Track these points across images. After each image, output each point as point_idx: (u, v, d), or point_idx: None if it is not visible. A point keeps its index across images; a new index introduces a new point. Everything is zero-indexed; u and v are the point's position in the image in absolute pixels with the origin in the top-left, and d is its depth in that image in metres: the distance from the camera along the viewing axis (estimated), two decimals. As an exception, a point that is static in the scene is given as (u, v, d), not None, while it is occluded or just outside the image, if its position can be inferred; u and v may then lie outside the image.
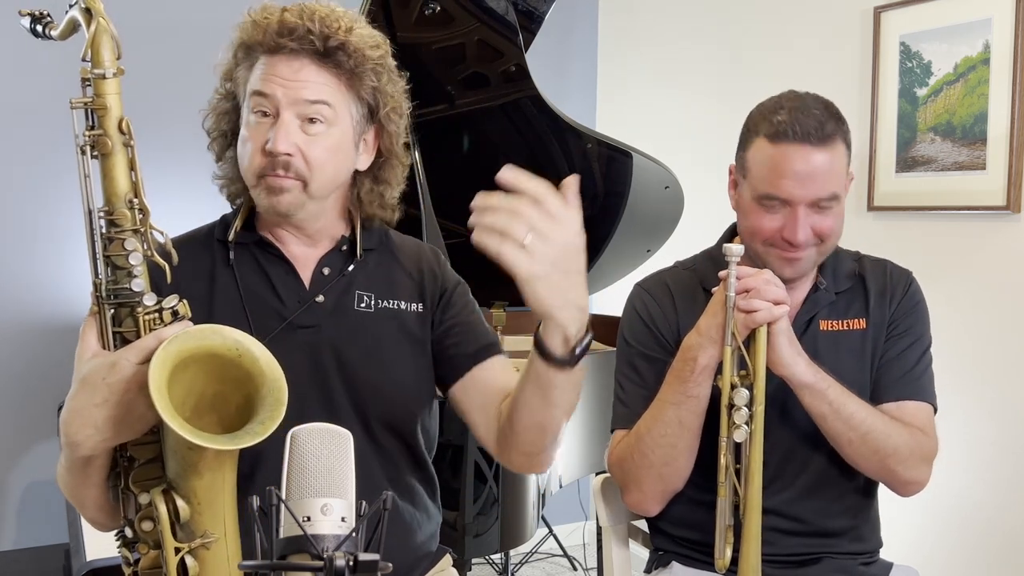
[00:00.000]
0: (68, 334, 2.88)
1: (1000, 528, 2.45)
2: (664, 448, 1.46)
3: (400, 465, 1.38)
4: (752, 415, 1.40)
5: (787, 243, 1.44)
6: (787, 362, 1.41)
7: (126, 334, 1.08)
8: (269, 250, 1.36)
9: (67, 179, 2.89)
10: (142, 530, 1.07)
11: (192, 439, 0.94)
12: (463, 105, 2.61)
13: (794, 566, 1.53)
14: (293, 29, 1.25)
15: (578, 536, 3.80)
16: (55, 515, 2.78)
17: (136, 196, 1.08)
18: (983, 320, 2.48)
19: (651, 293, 1.63)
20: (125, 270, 1.07)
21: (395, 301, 1.39)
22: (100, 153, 1.08)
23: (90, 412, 1.03)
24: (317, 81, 1.27)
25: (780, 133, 1.41)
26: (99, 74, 1.07)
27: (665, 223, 2.93)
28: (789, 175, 1.41)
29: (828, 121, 1.42)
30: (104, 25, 1.06)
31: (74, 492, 1.15)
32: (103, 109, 1.07)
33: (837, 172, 1.44)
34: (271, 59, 1.27)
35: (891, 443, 1.45)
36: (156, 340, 1.03)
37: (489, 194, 1.02)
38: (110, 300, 1.08)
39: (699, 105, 3.37)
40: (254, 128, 1.27)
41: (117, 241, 1.08)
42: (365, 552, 0.75)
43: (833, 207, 1.45)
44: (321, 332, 1.33)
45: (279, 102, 1.25)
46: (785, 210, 1.43)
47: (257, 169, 1.27)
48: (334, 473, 0.80)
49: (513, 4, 2.45)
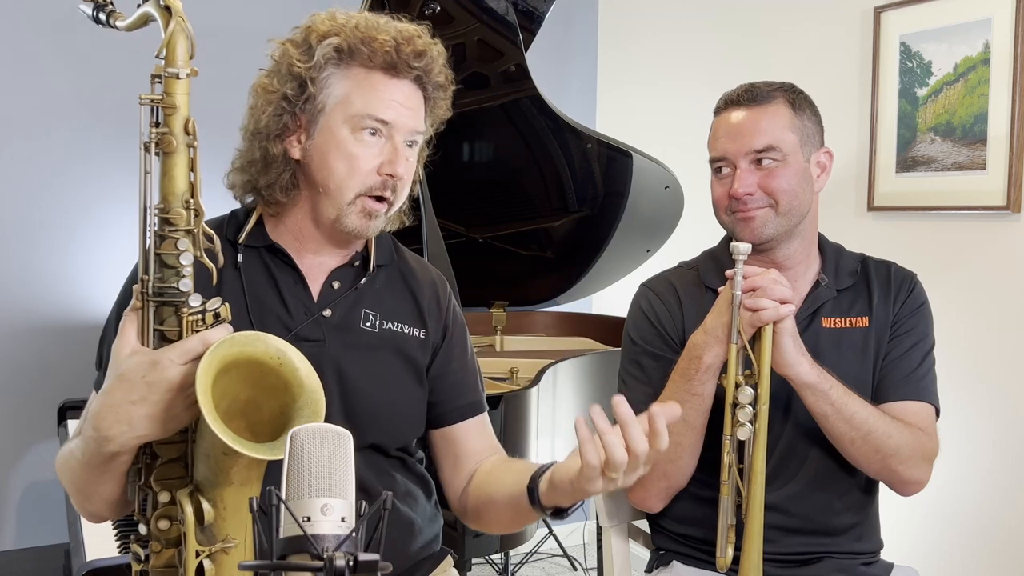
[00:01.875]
0: (68, 334, 2.88)
1: (1000, 528, 2.45)
2: (669, 446, 1.46)
3: (390, 471, 1.39)
4: (756, 413, 1.41)
5: (735, 200, 1.51)
6: (791, 362, 1.41)
7: (167, 332, 1.07)
8: (280, 257, 1.35)
9: (68, 178, 2.90)
10: (158, 529, 1.07)
11: (234, 446, 0.95)
12: (463, 105, 2.61)
13: (795, 565, 1.53)
14: (421, 56, 1.28)
15: (578, 536, 3.80)
16: (55, 515, 2.78)
17: (192, 196, 1.08)
18: (983, 320, 2.48)
19: (657, 293, 1.63)
20: (174, 269, 1.07)
21: (399, 324, 1.39)
22: (163, 151, 1.07)
23: (126, 409, 1.02)
24: (420, 109, 1.32)
25: (720, 104, 1.58)
26: (173, 73, 1.06)
27: (665, 223, 2.93)
28: (722, 134, 1.54)
29: (766, 87, 1.54)
30: (183, 24, 1.06)
31: (84, 486, 1.14)
32: (172, 108, 1.07)
33: (772, 127, 1.51)
34: (391, 82, 1.28)
35: (892, 443, 1.45)
36: (200, 343, 1.03)
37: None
38: (155, 297, 1.07)
39: (699, 105, 3.37)
40: (363, 145, 1.27)
41: (170, 240, 1.07)
42: (365, 552, 0.75)
43: (778, 164, 1.51)
44: (325, 347, 1.32)
45: (396, 130, 1.28)
46: (732, 173, 1.53)
47: (363, 188, 1.28)
48: (334, 473, 0.80)
49: (513, 4, 2.45)
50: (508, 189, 2.85)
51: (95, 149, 2.90)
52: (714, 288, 1.59)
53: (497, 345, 2.93)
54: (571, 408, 2.39)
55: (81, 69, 2.85)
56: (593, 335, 3.04)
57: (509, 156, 2.78)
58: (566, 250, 2.99)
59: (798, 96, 1.55)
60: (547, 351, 2.78)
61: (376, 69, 1.27)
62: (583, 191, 2.84)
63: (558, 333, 3.13)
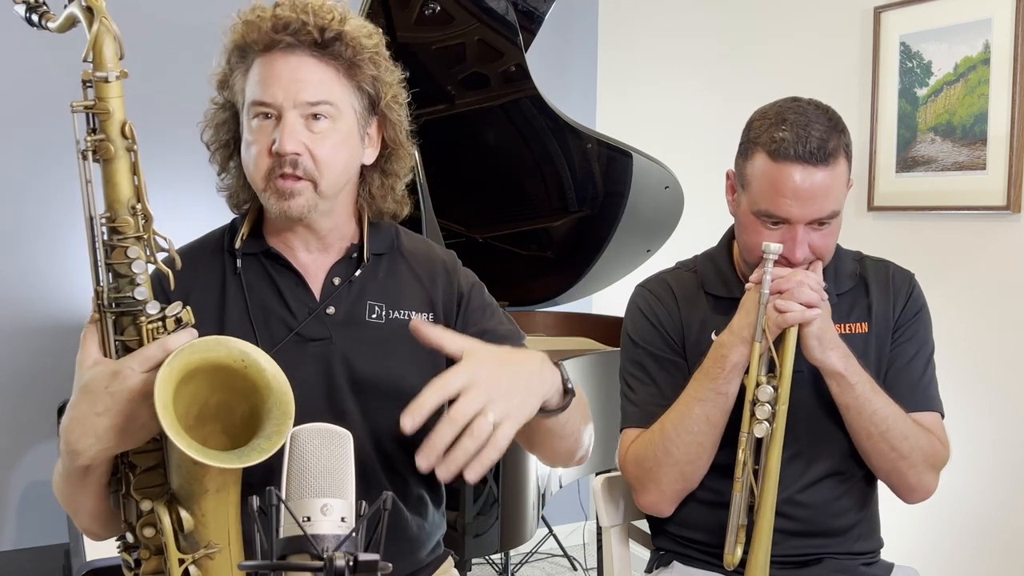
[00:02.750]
0: (68, 334, 2.88)
1: (1001, 528, 2.45)
2: (691, 445, 1.47)
3: (407, 477, 1.36)
4: (774, 413, 1.41)
5: (784, 260, 1.43)
6: (818, 357, 1.42)
7: (128, 342, 1.06)
8: (278, 261, 1.33)
9: (66, 178, 2.89)
10: (143, 536, 1.06)
11: (199, 458, 0.93)
12: (463, 105, 2.61)
13: (796, 566, 1.53)
14: (288, 23, 1.22)
15: (578, 536, 3.80)
16: (55, 515, 2.78)
17: (139, 202, 1.05)
18: (983, 320, 2.48)
19: (654, 293, 1.63)
20: (128, 278, 1.05)
21: (405, 312, 1.36)
22: (102, 158, 1.04)
23: (91, 421, 1.01)
24: (316, 78, 1.24)
25: (782, 152, 1.39)
26: (101, 77, 1.03)
27: (665, 223, 2.93)
28: (789, 195, 1.39)
29: (831, 137, 1.40)
30: (107, 25, 1.03)
31: (69, 500, 1.14)
32: (105, 113, 1.04)
33: (838, 190, 1.43)
34: (267, 58, 1.24)
35: (907, 445, 1.46)
36: (160, 349, 1.01)
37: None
38: (112, 308, 1.05)
39: (699, 105, 3.37)
40: (257, 131, 1.24)
41: (119, 249, 1.05)
42: (365, 552, 0.75)
43: (832, 224, 1.45)
44: (332, 344, 1.30)
45: (280, 106, 1.22)
46: (783, 227, 1.43)
47: (264, 172, 1.24)
48: (334, 473, 0.80)
49: (513, 4, 2.45)
50: (508, 189, 2.85)
51: (95, 149, 2.90)
52: (715, 294, 1.58)
53: (497, 345, 2.92)
54: (571, 408, 2.39)
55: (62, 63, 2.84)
56: (593, 335, 3.03)
57: (509, 156, 2.78)
58: (566, 250, 2.99)
59: (847, 141, 1.45)
60: (547, 351, 2.78)
61: (259, 53, 1.25)
62: (583, 191, 2.84)
63: (558, 333, 3.13)
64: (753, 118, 1.48)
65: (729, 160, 1.56)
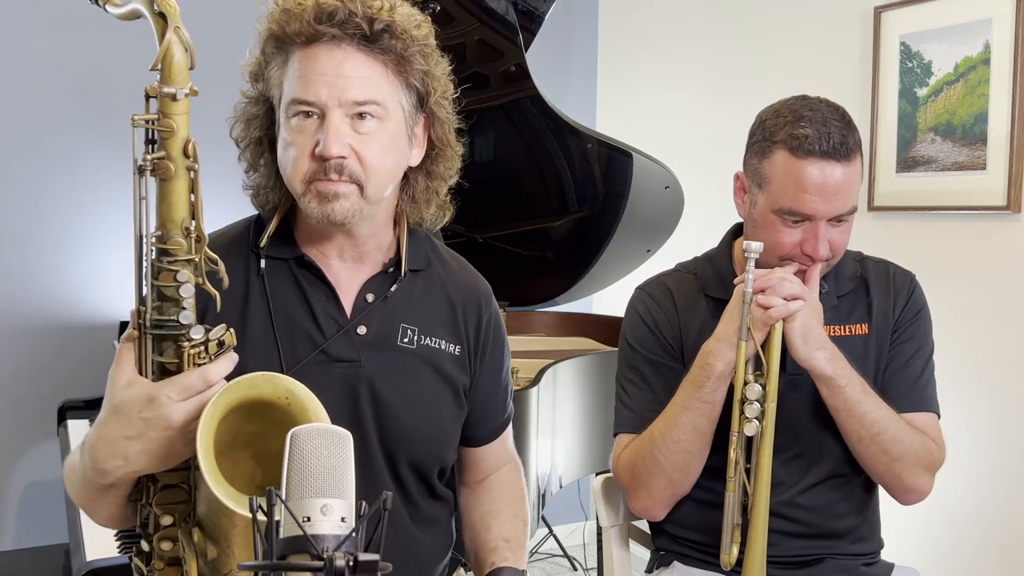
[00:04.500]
0: (68, 334, 2.88)
1: (1001, 528, 2.45)
2: (678, 454, 1.47)
3: (420, 503, 1.32)
4: (764, 411, 1.41)
5: (807, 258, 1.44)
6: (803, 356, 1.41)
7: (167, 364, 1.00)
8: (310, 270, 1.24)
9: (66, 178, 2.89)
10: (160, 548, 1.04)
11: (236, 509, 0.89)
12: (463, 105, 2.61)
13: (796, 567, 1.53)
14: (333, 13, 1.11)
15: (578, 536, 3.80)
16: (55, 515, 2.78)
17: (194, 219, 0.98)
18: (983, 320, 2.48)
19: (653, 297, 1.62)
20: (174, 300, 0.99)
21: (436, 340, 1.29)
22: (160, 177, 0.97)
23: (122, 444, 0.98)
24: (364, 75, 1.14)
25: (805, 148, 1.39)
26: (169, 93, 0.94)
27: (665, 223, 2.93)
28: (813, 191, 1.39)
29: (849, 134, 1.42)
30: (180, 35, 0.94)
31: (85, 503, 1.12)
32: (168, 131, 0.95)
33: (856, 185, 1.44)
34: (309, 52, 1.13)
35: (900, 448, 1.46)
36: (201, 380, 0.97)
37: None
38: (154, 330, 0.99)
39: (699, 104, 3.37)
40: (297, 131, 1.15)
41: (168, 272, 0.98)
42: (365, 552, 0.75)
43: (849, 221, 1.46)
44: (360, 368, 1.23)
45: (324, 104, 1.12)
46: (805, 224, 1.43)
47: (306, 175, 1.14)
48: (334, 473, 0.80)
49: (513, 4, 2.45)
50: (508, 189, 2.85)
51: (94, 148, 2.90)
52: (715, 297, 1.58)
53: (497, 345, 2.92)
54: (571, 408, 2.39)
55: (78, 67, 2.85)
56: (593, 335, 3.03)
57: (509, 156, 2.78)
58: (566, 250, 2.99)
59: (860, 138, 1.46)
60: (547, 351, 2.78)
61: (300, 46, 1.14)
62: (583, 191, 2.83)
63: (558, 333, 3.13)
64: (764, 116, 1.48)
65: (730, 159, 1.56)
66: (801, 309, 1.39)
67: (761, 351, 1.42)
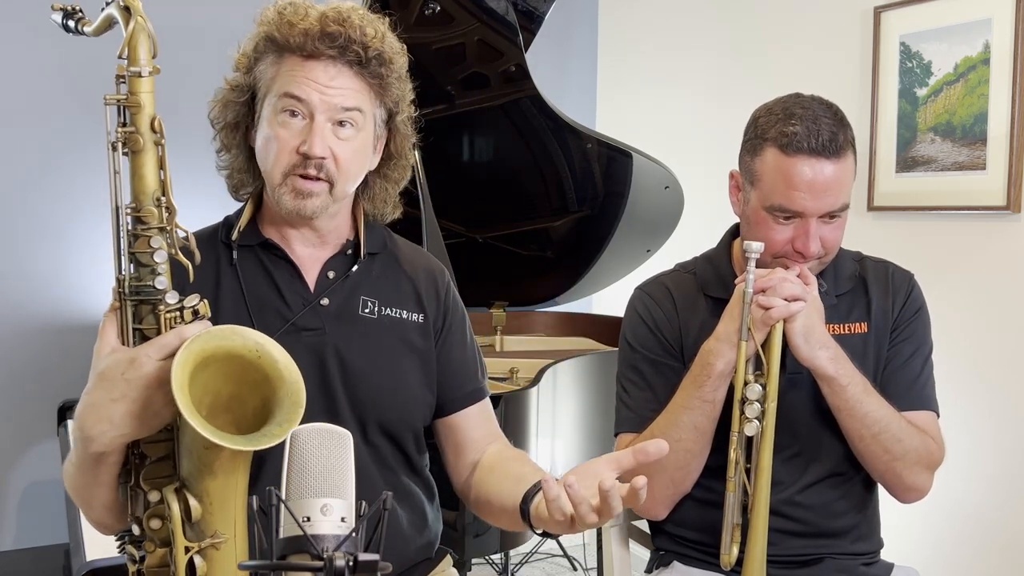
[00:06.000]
0: (68, 334, 2.88)
1: (1000, 528, 2.45)
2: (679, 453, 1.46)
3: (396, 468, 1.39)
4: (764, 411, 1.41)
5: (798, 254, 1.44)
6: (805, 356, 1.41)
7: (146, 331, 1.08)
8: (274, 252, 1.37)
9: (67, 177, 2.89)
10: (150, 528, 1.08)
11: (212, 438, 0.95)
12: (463, 105, 2.61)
13: (796, 566, 1.53)
14: (335, 36, 1.26)
15: (578, 536, 3.80)
16: (55, 515, 2.78)
17: (164, 194, 1.09)
18: (983, 320, 2.48)
19: (653, 297, 1.62)
20: (149, 267, 1.08)
21: (397, 310, 1.40)
22: (131, 150, 1.08)
23: (107, 407, 1.03)
24: (351, 88, 1.28)
25: (794, 145, 1.40)
26: (135, 72, 1.07)
27: (665, 223, 2.93)
28: (803, 188, 1.40)
29: (840, 131, 1.42)
30: (142, 23, 1.07)
31: (82, 491, 1.15)
32: (136, 107, 1.07)
33: (848, 182, 1.44)
34: (306, 63, 1.27)
35: (900, 447, 1.46)
36: (177, 337, 1.03)
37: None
38: (132, 296, 1.08)
39: (699, 105, 3.37)
40: (282, 126, 1.28)
41: (143, 238, 1.08)
42: (365, 552, 0.75)
43: (841, 217, 1.46)
44: (325, 335, 1.34)
45: (314, 107, 1.26)
46: (796, 221, 1.43)
47: (286, 167, 1.28)
48: (334, 473, 0.80)
49: (513, 4, 2.45)
50: (508, 189, 2.85)
51: (90, 147, 2.89)
52: (715, 296, 1.58)
53: (497, 345, 2.93)
54: (571, 408, 2.39)
55: (72, 65, 2.84)
56: (593, 335, 3.03)
57: (509, 156, 2.78)
58: (566, 250, 2.99)
59: (853, 136, 1.46)
60: (547, 351, 2.78)
61: (296, 54, 1.27)
62: (583, 191, 2.83)
63: (558, 333, 3.13)
64: (757, 114, 1.48)
65: (729, 159, 1.56)
66: (802, 310, 1.39)
67: (761, 351, 1.42)
